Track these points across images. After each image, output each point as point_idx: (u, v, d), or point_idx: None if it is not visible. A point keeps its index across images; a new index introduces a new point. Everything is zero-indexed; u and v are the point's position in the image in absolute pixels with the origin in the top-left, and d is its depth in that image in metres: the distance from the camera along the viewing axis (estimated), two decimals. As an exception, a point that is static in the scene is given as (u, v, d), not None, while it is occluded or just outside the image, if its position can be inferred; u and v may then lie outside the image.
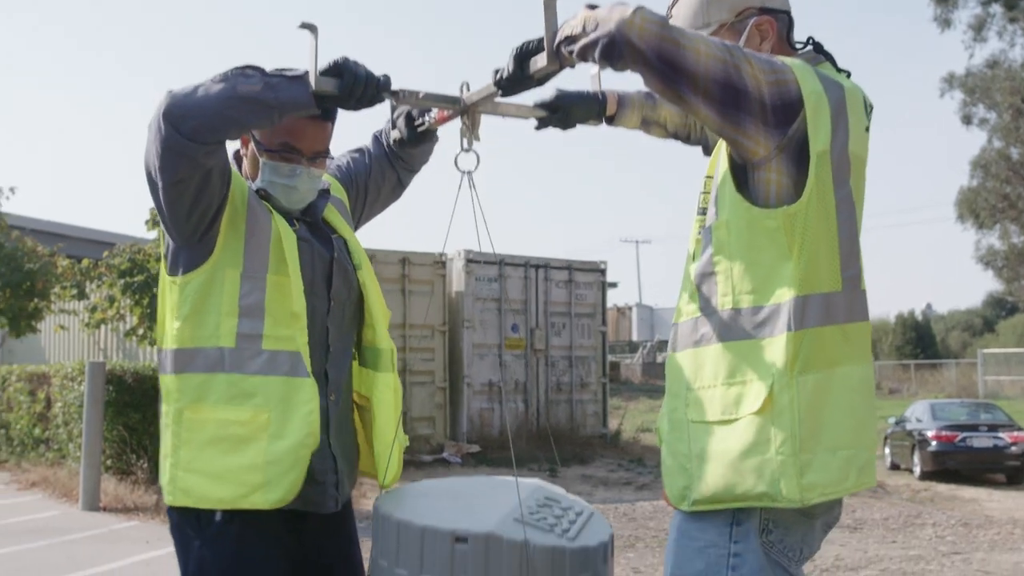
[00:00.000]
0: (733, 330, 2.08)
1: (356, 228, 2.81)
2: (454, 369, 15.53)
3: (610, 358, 17.22)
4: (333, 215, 2.65)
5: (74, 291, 16.35)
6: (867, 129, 2.17)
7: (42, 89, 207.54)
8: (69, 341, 20.20)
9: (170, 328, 2.40)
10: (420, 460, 13.79)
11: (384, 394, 2.55)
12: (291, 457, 2.28)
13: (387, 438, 2.51)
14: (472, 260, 15.72)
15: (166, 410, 2.40)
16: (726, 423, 2.06)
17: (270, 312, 2.36)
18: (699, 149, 2.62)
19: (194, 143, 2.21)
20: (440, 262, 15.51)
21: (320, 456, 2.39)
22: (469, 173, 2.44)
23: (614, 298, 35.46)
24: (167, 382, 2.41)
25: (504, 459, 14.10)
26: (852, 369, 2.10)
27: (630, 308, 46.82)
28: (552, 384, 16.50)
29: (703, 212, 2.18)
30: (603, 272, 17.27)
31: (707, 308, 2.13)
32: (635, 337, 45.13)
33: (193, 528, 2.35)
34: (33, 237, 17.77)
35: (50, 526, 8.77)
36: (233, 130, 2.30)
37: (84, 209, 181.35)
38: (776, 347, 2.02)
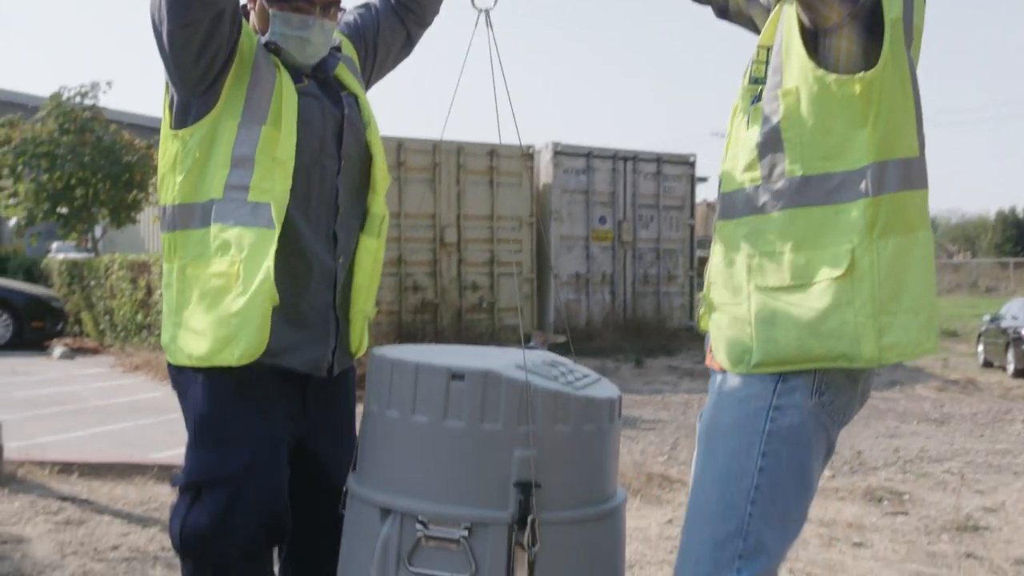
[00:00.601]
0: (803, 197, 2.09)
1: (367, 88, 2.68)
2: (541, 261, 15.65)
3: (698, 252, 17.15)
4: (344, 72, 2.53)
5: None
6: (924, 1, 2.17)
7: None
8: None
9: (172, 183, 2.32)
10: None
11: (363, 257, 2.46)
12: (253, 310, 2.18)
13: (359, 305, 2.45)
14: (560, 152, 15.70)
15: (168, 268, 2.34)
16: (798, 288, 2.07)
17: (259, 163, 2.26)
18: None
19: None
20: (528, 154, 15.53)
21: (324, 319, 2.36)
22: (486, 12, 2.26)
23: (703, 193, 35.04)
24: (168, 240, 2.35)
25: (591, 349, 14.26)
26: (923, 234, 2.12)
27: (720, 201, 46.19)
28: (639, 276, 16.54)
29: (756, 81, 2.17)
30: (692, 165, 17.10)
31: (771, 176, 2.12)
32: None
33: (189, 377, 2.31)
34: (130, 131, 18.18)
35: (153, 405, 9.16)
36: None
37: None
38: (854, 213, 2.03)
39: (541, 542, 1.88)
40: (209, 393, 2.27)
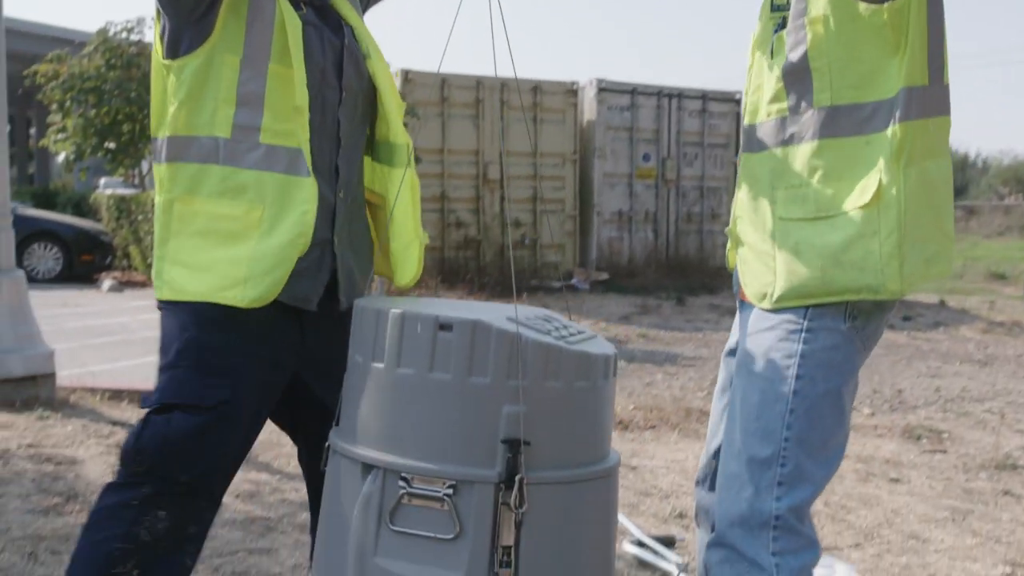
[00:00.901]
0: (831, 127, 2.06)
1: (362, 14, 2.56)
2: (584, 198, 15.62)
3: (743, 190, 17.01)
4: (340, 1, 2.42)
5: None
6: None
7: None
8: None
9: (165, 115, 2.23)
10: (549, 286, 14.07)
11: (401, 191, 2.38)
12: (277, 256, 2.12)
13: (406, 237, 2.38)
14: (604, 89, 15.59)
15: (158, 201, 2.25)
16: (823, 219, 2.05)
17: (270, 104, 2.17)
18: None
19: None
20: (572, 91, 15.43)
21: (319, 254, 2.25)
22: None
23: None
24: (161, 172, 2.25)
25: (633, 286, 14.29)
26: (945, 162, 2.11)
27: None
28: (682, 214, 16.47)
29: (778, 8, 2.15)
30: (738, 103, 16.89)
31: (798, 106, 2.10)
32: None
33: (177, 312, 2.21)
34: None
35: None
36: None
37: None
38: (881, 141, 2.01)
39: (529, 503, 1.78)
40: (198, 319, 2.17)
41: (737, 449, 2.14)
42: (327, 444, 2.03)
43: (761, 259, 2.15)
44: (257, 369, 2.20)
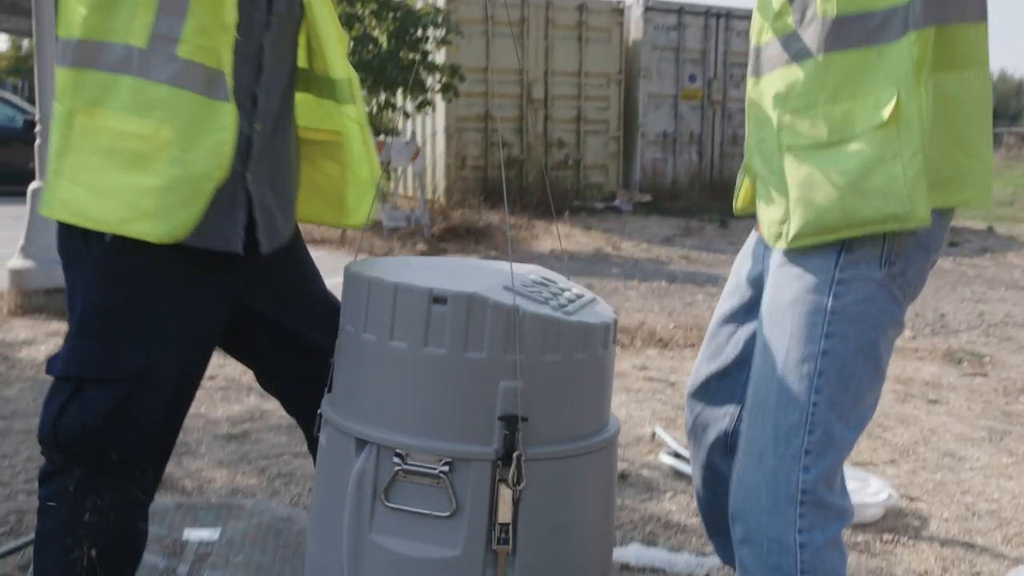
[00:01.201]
0: (839, 39, 1.85)
1: None
2: (629, 118, 15.50)
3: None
4: None
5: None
6: None
7: None
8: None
9: (75, 14, 1.99)
10: (592, 207, 14.05)
11: (350, 127, 2.23)
12: (191, 188, 1.92)
13: (360, 175, 2.25)
14: (651, 8, 15.36)
15: (58, 109, 2.02)
16: (836, 144, 1.84)
17: (193, 14, 1.94)
18: None
19: None
20: (618, 10, 15.22)
21: (231, 190, 2.04)
22: None
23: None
24: (63, 77, 2.01)
25: (676, 208, 14.23)
26: (978, 72, 1.89)
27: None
28: (727, 136, 16.29)
29: None
30: (788, 22, 16.60)
31: (802, 19, 1.90)
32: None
33: (79, 248, 2.00)
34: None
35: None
36: None
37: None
38: (896, 52, 1.80)
39: (527, 479, 1.73)
40: (100, 273, 1.98)
41: (759, 413, 1.96)
42: (319, 412, 1.95)
43: (772, 194, 1.95)
44: (174, 325, 2.02)
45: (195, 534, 3.06)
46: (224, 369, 4.99)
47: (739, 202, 2.20)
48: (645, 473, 3.89)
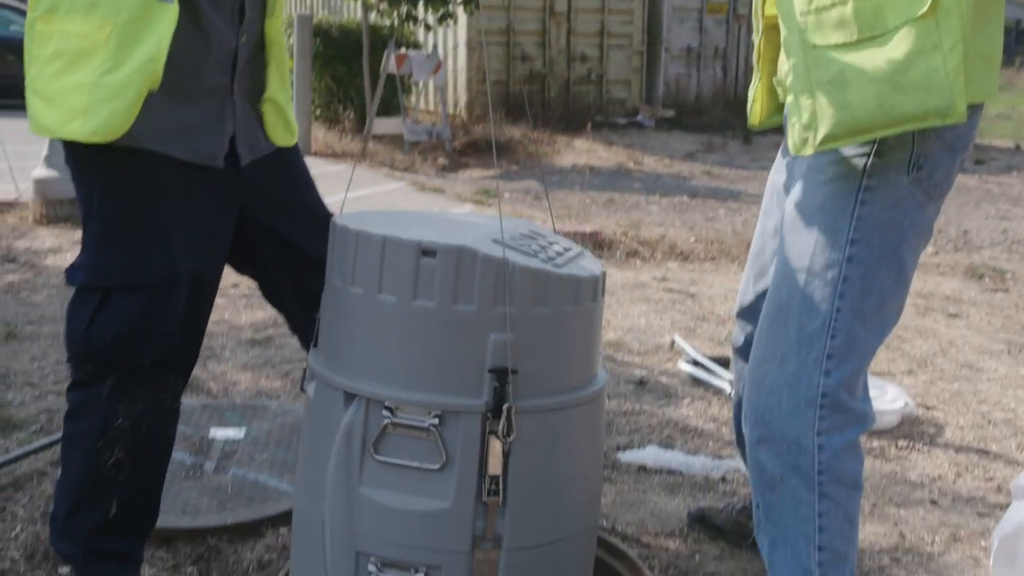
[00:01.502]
0: None
1: None
2: (652, 32, 15.26)
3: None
4: None
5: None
6: None
7: None
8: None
9: None
10: (614, 122, 13.94)
11: (278, 37, 2.21)
12: (119, 83, 1.87)
13: (274, 88, 2.20)
14: (677, -82, 15.07)
15: (27, 22, 2.00)
16: (869, 40, 1.77)
17: None
18: None
19: None
20: (643, -80, 14.94)
21: (218, 103, 2.06)
22: None
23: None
24: None
25: (699, 124, 14.10)
26: None
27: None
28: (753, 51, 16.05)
29: None
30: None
31: None
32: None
33: (90, 159, 2.00)
34: None
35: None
36: None
37: None
38: None
39: (517, 431, 1.74)
40: (118, 181, 1.99)
41: (782, 317, 1.96)
42: (305, 366, 1.95)
43: (799, 98, 1.86)
44: (192, 228, 2.03)
45: (221, 433, 3.13)
46: (246, 278, 5.04)
47: (754, 116, 2.18)
48: (664, 380, 3.94)
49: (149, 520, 2.18)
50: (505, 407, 1.72)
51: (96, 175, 2.00)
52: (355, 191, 8.16)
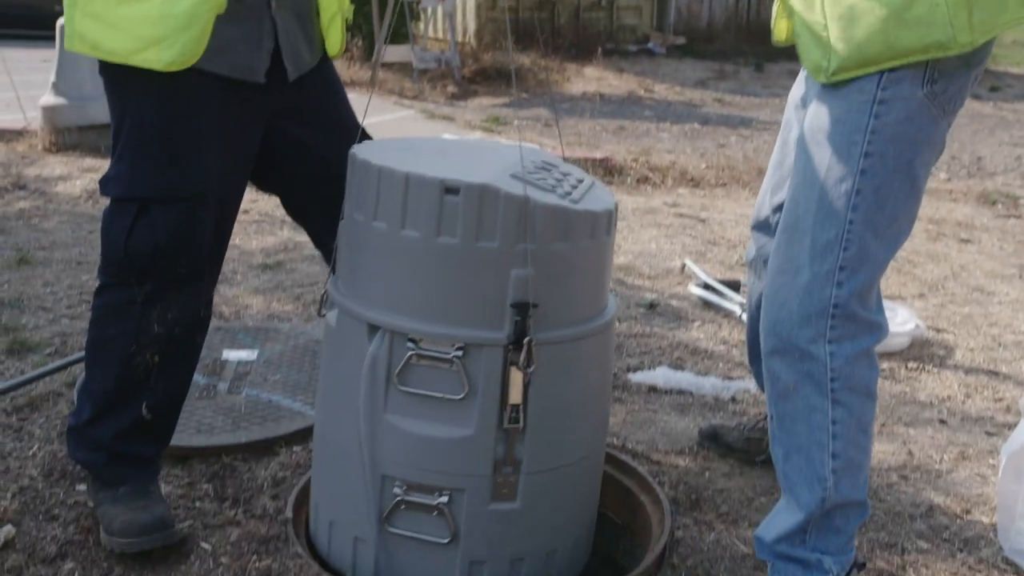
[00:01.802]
0: None
1: None
2: (664, -42, 15.06)
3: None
4: None
5: None
6: None
7: None
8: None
9: None
10: (625, 50, 13.79)
11: None
12: (188, 14, 1.90)
13: (331, 9, 2.23)
14: None
15: None
16: None
17: None
18: None
19: None
20: None
21: (257, 19, 2.08)
22: None
23: None
24: None
25: (711, 51, 13.94)
26: None
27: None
28: (766, -23, 15.83)
29: None
30: None
31: None
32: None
33: (126, 72, 1.99)
34: None
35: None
36: None
37: None
38: None
39: (536, 362, 1.81)
40: (155, 96, 2.01)
41: (798, 231, 1.98)
42: (324, 292, 2.00)
43: (811, 30, 1.93)
44: (224, 143, 2.07)
45: (234, 354, 3.15)
46: (257, 204, 5.04)
47: (779, 33, 2.18)
48: (674, 303, 3.94)
49: (171, 427, 2.25)
50: (526, 340, 1.79)
51: (133, 90, 2.02)
52: (365, 119, 8.11)
